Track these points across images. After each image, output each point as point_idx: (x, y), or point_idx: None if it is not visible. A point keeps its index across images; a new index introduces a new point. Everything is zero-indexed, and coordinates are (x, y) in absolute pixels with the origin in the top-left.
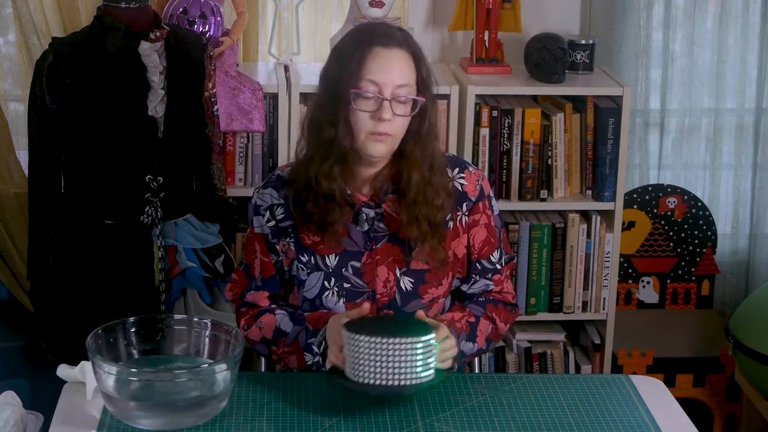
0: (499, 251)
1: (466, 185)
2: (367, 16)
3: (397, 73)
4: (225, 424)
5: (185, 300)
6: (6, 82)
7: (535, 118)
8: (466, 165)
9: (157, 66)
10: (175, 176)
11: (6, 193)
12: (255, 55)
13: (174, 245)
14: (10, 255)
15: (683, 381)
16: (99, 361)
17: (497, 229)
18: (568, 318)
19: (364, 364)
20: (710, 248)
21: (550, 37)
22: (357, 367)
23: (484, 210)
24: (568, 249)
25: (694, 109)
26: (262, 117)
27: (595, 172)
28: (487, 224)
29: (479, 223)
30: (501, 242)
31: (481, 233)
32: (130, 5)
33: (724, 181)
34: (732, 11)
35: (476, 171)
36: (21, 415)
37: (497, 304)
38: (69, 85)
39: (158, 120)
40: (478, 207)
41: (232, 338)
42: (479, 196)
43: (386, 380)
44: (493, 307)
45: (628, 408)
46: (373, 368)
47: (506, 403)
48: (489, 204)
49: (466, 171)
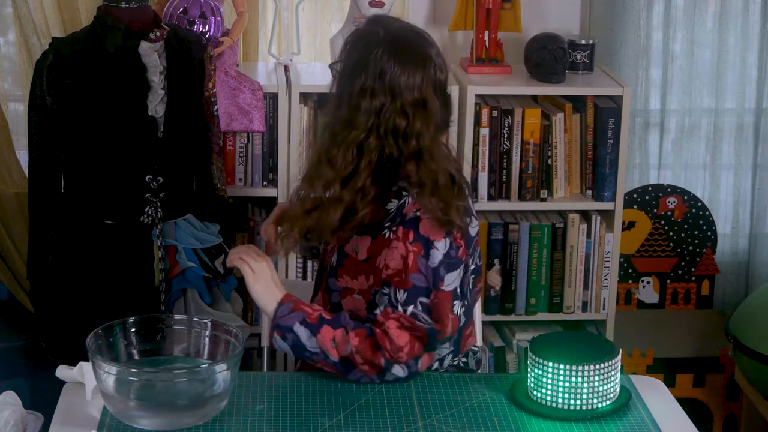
0: (406, 293)
1: (410, 206)
2: (366, 15)
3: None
4: (225, 424)
5: (185, 300)
6: (6, 82)
7: (535, 118)
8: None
9: (157, 66)
10: (175, 176)
11: (6, 193)
12: (255, 55)
13: (174, 245)
14: (10, 255)
15: (683, 381)
16: (99, 361)
17: (422, 275)
18: (568, 318)
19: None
20: (710, 248)
21: (550, 37)
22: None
23: (405, 239)
24: (568, 249)
25: (694, 109)
26: (262, 117)
27: (595, 172)
28: (404, 257)
29: (394, 247)
30: (420, 292)
31: (396, 261)
32: (130, 5)
33: (724, 181)
34: (732, 11)
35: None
36: (21, 415)
37: (367, 334)
38: (69, 85)
39: (158, 120)
40: (399, 231)
41: (232, 338)
42: (408, 221)
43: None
44: (360, 329)
45: (628, 408)
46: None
47: (506, 403)
48: (415, 240)
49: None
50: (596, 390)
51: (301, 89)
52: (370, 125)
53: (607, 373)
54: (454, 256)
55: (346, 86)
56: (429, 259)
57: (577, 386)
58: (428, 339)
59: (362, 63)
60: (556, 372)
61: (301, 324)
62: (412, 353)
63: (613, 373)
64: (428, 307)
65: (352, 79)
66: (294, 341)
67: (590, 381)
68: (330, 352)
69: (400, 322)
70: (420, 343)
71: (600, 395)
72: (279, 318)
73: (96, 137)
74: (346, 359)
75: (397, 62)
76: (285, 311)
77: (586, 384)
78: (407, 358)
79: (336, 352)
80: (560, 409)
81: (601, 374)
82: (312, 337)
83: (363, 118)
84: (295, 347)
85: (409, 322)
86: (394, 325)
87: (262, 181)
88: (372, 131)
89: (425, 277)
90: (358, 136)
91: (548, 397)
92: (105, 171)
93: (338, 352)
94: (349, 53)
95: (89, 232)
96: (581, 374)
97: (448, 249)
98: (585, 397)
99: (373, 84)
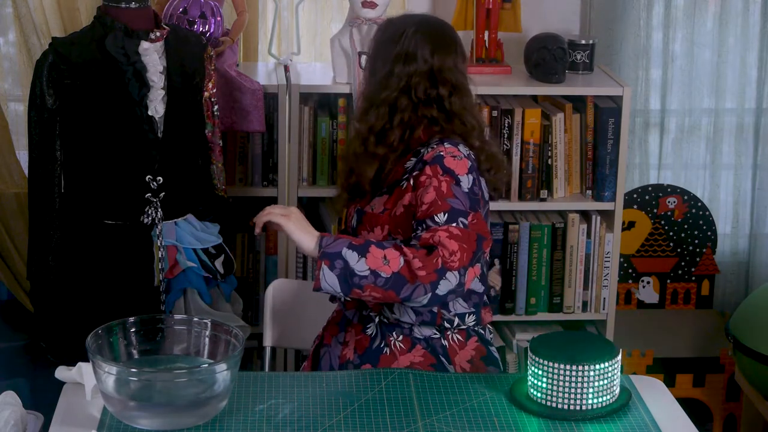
0: (446, 214)
1: (429, 153)
2: (360, 16)
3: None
4: (225, 424)
5: (185, 300)
6: (6, 82)
7: (535, 118)
8: (452, 142)
9: (157, 66)
10: (175, 176)
11: (6, 193)
12: (255, 55)
13: (174, 245)
14: (10, 255)
15: (683, 381)
16: (99, 361)
17: (458, 199)
18: (568, 318)
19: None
20: (710, 248)
21: (550, 37)
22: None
23: (435, 174)
24: (568, 249)
25: (694, 109)
26: (262, 117)
27: (595, 172)
28: (437, 188)
29: (426, 185)
30: (458, 213)
31: (430, 194)
32: (130, 5)
33: (724, 181)
34: (732, 11)
35: (449, 147)
36: (21, 415)
37: (418, 248)
38: (69, 85)
39: (158, 120)
40: (427, 170)
41: (232, 338)
42: (432, 160)
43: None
44: (409, 246)
45: (628, 408)
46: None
47: (506, 403)
48: (444, 173)
49: (440, 146)
50: (596, 390)
51: (301, 89)
52: (402, 86)
53: (607, 373)
54: (477, 193)
55: (380, 55)
56: (461, 186)
57: (577, 386)
58: (476, 246)
59: (397, 35)
60: (556, 372)
61: (349, 248)
62: (463, 261)
63: (613, 373)
64: (468, 227)
65: (387, 50)
66: (342, 268)
67: (590, 381)
68: (382, 270)
69: (449, 232)
70: (469, 251)
71: (600, 395)
72: (325, 246)
73: (96, 137)
74: (398, 275)
75: (429, 39)
76: (330, 240)
77: (586, 384)
78: (459, 264)
79: (388, 269)
80: (560, 410)
81: (601, 374)
82: (361, 259)
83: (395, 81)
84: (342, 275)
85: (458, 231)
86: (444, 234)
87: (261, 181)
88: (403, 92)
89: (461, 201)
90: (390, 96)
91: (548, 397)
92: (105, 171)
93: (390, 267)
94: (384, 29)
95: (89, 232)
96: (581, 374)
97: (471, 185)
98: (585, 397)
99: (406, 52)
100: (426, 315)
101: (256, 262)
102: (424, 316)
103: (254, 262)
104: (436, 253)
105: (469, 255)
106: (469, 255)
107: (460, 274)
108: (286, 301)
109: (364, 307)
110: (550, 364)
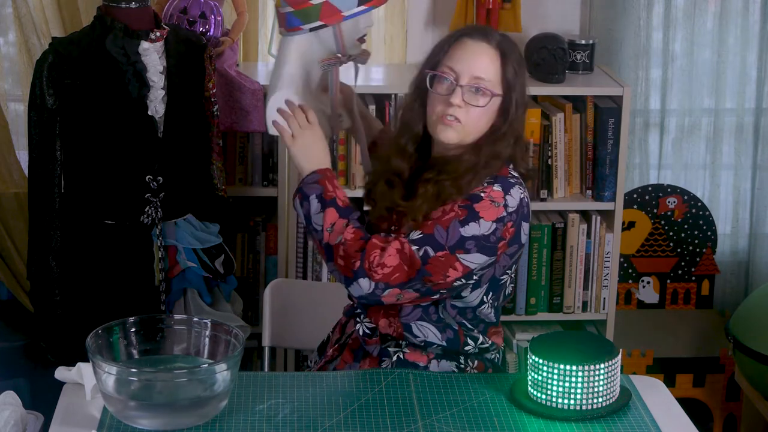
0: (421, 236)
1: (477, 188)
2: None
3: (478, 64)
4: (225, 424)
5: (185, 300)
6: (6, 82)
7: (535, 118)
8: (503, 184)
9: (157, 66)
10: (175, 176)
11: (6, 193)
12: (255, 55)
13: (174, 245)
14: (10, 255)
15: (683, 381)
16: (99, 361)
17: (446, 233)
18: (568, 318)
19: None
20: (710, 248)
21: (550, 37)
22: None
23: (459, 204)
24: (568, 249)
25: (694, 109)
26: (262, 117)
27: (595, 172)
28: (444, 211)
29: (447, 208)
30: (432, 243)
31: (437, 212)
32: (130, 5)
33: (724, 181)
34: (732, 11)
35: (497, 191)
36: (21, 415)
37: (381, 243)
38: (69, 85)
39: (158, 120)
40: (459, 201)
41: (232, 338)
42: (470, 195)
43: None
44: (378, 235)
45: (628, 408)
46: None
47: (506, 403)
48: (463, 207)
49: (489, 187)
50: (596, 390)
51: None
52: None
53: (607, 373)
54: (494, 242)
55: (520, 85)
56: (464, 227)
57: (577, 386)
58: (415, 276)
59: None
60: (556, 372)
61: (316, 198)
62: (389, 278)
63: (613, 373)
64: (428, 260)
65: (524, 76)
66: (307, 210)
67: (590, 381)
68: (324, 233)
69: (403, 247)
70: (404, 276)
71: (600, 395)
72: (304, 183)
73: (96, 137)
74: (330, 247)
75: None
76: (312, 179)
77: (586, 384)
78: (382, 279)
79: (327, 236)
80: (560, 409)
81: (601, 374)
82: (319, 213)
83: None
84: (305, 215)
85: (410, 253)
86: (396, 246)
87: (262, 181)
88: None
89: (447, 236)
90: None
91: (548, 397)
92: (105, 171)
93: (329, 237)
94: (518, 51)
95: (89, 232)
96: (581, 374)
97: (490, 232)
98: (585, 397)
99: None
100: (452, 342)
101: (256, 262)
102: (449, 344)
103: (254, 262)
104: (368, 255)
105: (402, 278)
106: (402, 278)
107: (376, 287)
108: (285, 301)
109: (387, 343)
110: (550, 364)
